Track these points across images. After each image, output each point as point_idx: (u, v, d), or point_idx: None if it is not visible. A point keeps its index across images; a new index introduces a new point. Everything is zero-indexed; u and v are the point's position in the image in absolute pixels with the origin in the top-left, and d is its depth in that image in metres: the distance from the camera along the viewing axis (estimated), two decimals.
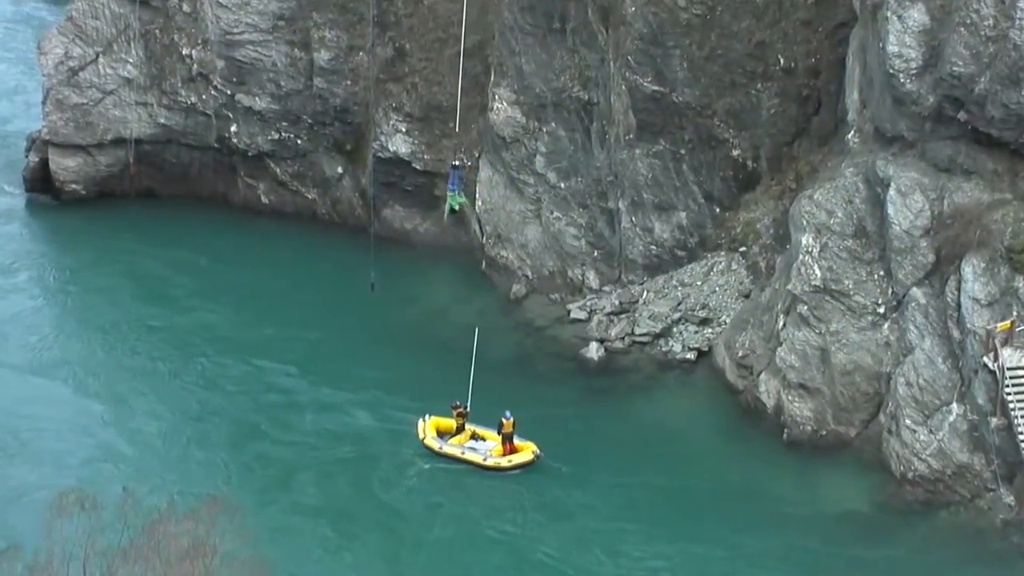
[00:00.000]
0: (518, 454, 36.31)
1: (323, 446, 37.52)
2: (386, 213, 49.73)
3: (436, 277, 46.88)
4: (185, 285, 46.26)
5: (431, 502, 35.22)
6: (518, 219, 46.34)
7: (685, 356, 41.18)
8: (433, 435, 37.10)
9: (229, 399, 39.56)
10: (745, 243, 42.62)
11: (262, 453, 37.11)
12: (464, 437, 37.15)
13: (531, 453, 36.17)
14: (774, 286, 39.57)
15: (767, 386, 38.59)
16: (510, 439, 36.41)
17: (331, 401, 39.36)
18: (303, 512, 34.72)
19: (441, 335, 43.21)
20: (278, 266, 47.78)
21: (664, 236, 43.72)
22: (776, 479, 36.12)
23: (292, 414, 38.84)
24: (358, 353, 41.92)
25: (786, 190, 41.65)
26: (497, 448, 36.56)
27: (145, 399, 39.48)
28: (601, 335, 42.42)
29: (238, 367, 41.21)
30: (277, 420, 38.60)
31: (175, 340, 42.64)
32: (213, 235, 49.85)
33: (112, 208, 51.43)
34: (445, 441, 36.87)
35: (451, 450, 36.41)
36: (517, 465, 36.21)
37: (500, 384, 38.67)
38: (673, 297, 42.81)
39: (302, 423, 38.43)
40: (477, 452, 36.45)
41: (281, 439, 37.71)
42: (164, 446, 37.33)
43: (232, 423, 38.51)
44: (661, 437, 37.87)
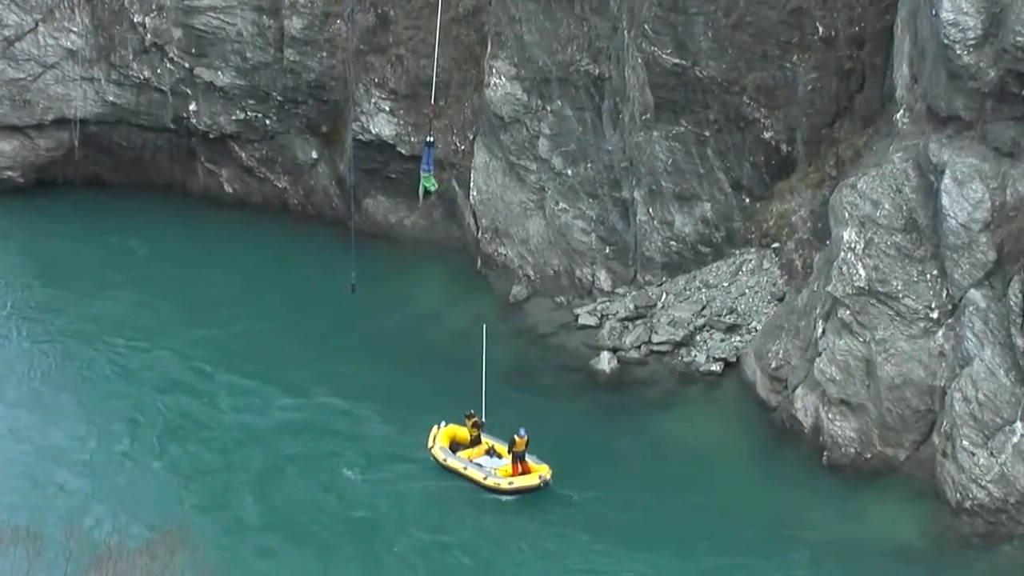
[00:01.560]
0: (524, 477, 36.46)
1: (296, 468, 37.60)
2: (367, 204, 49.88)
3: (425, 277, 47.01)
4: (132, 283, 46.60)
5: (424, 526, 35.45)
6: (518, 211, 46.40)
7: (710, 368, 41.13)
8: (442, 445, 37.42)
9: (179, 412, 39.73)
10: (778, 238, 42.57)
11: (224, 476, 37.21)
12: (479, 451, 37.44)
13: (537, 478, 36.27)
14: (812, 288, 39.53)
15: (804, 402, 38.60)
16: (521, 458, 36.56)
17: (300, 417, 39.58)
18: (274, 545, 34.84)
19: (431, 343, 43.35)
20: (244, 263, 48.01)
21: (686, 230, 43.72)
22: (815, 508, 35.98)
23: (255, 431, 38.93)
24: (333, 363, 42.07)
25: (825, 178, 41.56)
26: (506, 468, 36.71)
27: (75, 410, 39.86)
28: (614, 344, 42.45)
29: (199, 378, 41.37)
30: (239, 438, 38.69)
31: (113, 345, 43.00)
32: (168, 228, 50.09)
33: (53, 197, 51.64)
34: (454, 453, 37.21)
35: (454, 464, 36.80)
36: (519, 489, 36.32)
37: (498, 399, 38.74)
38: (696, 300, 42.76)
39: (269, 442, 38.53)
40: (481, 469, 36.69)
41: (245, 459, 37.82)
42: (107, 467, 37.50)
43: (186, 441, 38.60)
44: (683, 461, 37.80)
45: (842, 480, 36.91)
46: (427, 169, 38.77)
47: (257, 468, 37.50)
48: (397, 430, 38.92)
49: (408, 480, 37.20)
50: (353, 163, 48.41)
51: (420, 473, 37.46)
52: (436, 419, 38.61)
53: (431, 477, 37.32)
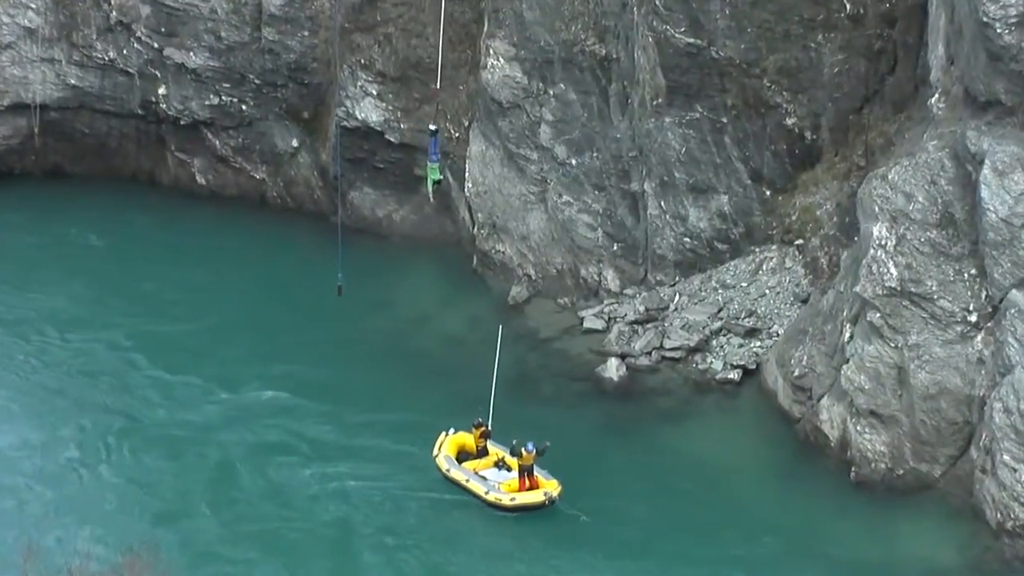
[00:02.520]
0: (528, 493, 36.57)
1: (279, 480, 37.68)
2: (353, 197, 49.82)
3: (415, 277, 47.05)
4: (85, 278, 46.66)
5: (416, 540, 35.56)
6: (518, 204, 46.35)
7: (727, 376, 41.21)
8: (448, 454, 37.59)
9: (141, 423, 39.88)
10: (802, 234, 42.63)
11: (192, 489, 37.26)
12: (487, 462, 37.69)
13: (542, 495, 36.38)
14: (838, 288, 39.46)
15: (830, 413, 38.57)
16: (529, 472, 36.75)
17: (277, 429, 39.63)
18: (252, 558, 34.91)
19: (422, 348, 43.48)
20: (215, 260, 48.08)
21: (701, 226, 43.72)
22: (842, 529, 35.95)
23: (226, 442, 39.00)
24: (312, 370, 42.17)
25: (853, 168, 41.64)
26: (512, 482, 36.87)
27: (17, 413, 39.87)
28: (622, 349, 42.45)
29: (165, 385, 41.45)
30: (208, 450, 38.75)
31: (58, 342, 43.23)
32: (134, 222, 50.20)
33: (9, 189, 51.58)
34: (459, 464, 37.44)
35: (457, 475, 37.09)
36: (521, 507, 36.41)
37: (496, 410, 38.72)
38: (712, 302, 42.81)
39: (248, 453, 38.53)
40: (485, 482, 36.87)
41: (217, 471, 37.92)
42: (60, 477, 37.43)
43: (144, 451, 38.65)
44: (698, 478, 37.80)
45: (871, 498, 36.88)
46: (434, 159, 39.00)
47: (234, 481, 37.58)
48: (389, 440, 39.00)
49: (402, 492, 37.30)
50: (337, 152, 48.35)
51: (417, 484, 37.56)
52: (427, 430, 38.71)
53: (428, 488, 37.42)
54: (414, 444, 38.66)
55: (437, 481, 37.56)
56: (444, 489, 37.27)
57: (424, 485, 37.48)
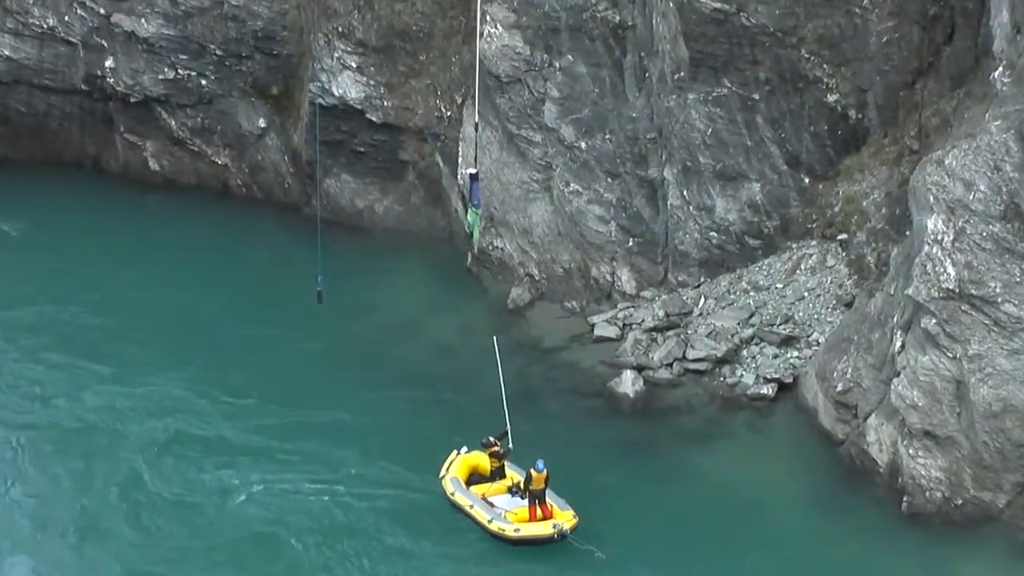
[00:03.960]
0: (535, 525, 36.66)
1: (241, 519, 37.69)
2: (330, 186, 49.96)
3: (401, 277, 47.17)
4: (27, 286, 46.82)
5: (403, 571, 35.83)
6: (519, 194, 46.39)
7: (760, 391, 41.21)
8: (455, 475, 37.97)
9: (76, 436, 40.21)
10: (846, 228, 42.62)
11: (146, 513, 37.61)
12: (499, 487, 37.94)
13: (551, 527, 36.41)
14: (888, 290, 39.42)
15: (878, 434, 38.61)
16: (540, 499, 36.95)
17: (246, 446, 39.83)
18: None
19: (409, 359, 43.61)
20: (171, 262, 48.25)
21: (730, 218, 43.80)
22: (892, 567, 35.84)
23: (179, 468, 39.12)
24: (286, 388, 42.17)
25: (905, 152, 41.68)
26: (522, 511, 37.05)
27: None
28: (639, 361, 42.50)
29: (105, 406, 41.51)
30: (160, 473, 38.95)
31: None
32: (73, 213, 50.21)
33: None
34: (467, 487, 37.78)
35: (461, 499, 37.49)
36: (527, 539, 36.44)
37: (494, 430, 38.74)
38: (742, 306, 42.86)
39: (204, 493, 38.60)
40: (490, 509, 37.08)
41: (178, 513, 37.95)
42: None
43: (91, 467, 38.98)
44: (727, 509, 37.72)
45: (926, 532, 36.84)
46: (475, 203, 39.58)
47: (188, 508, 37.87)
48: (375, 465, 39.10)
49: (386, 520, 37.41)
50: (312, 134, 48.45)
51: (406, 509, 37.71)
52: (416, 450, 38.93)
53: (419, 514, 37.57)
54: (403, 466, 38.87)
55: (431, 507, 37.71)
56: (440, 511, 37.46)
57: (418, 512, 37.60)
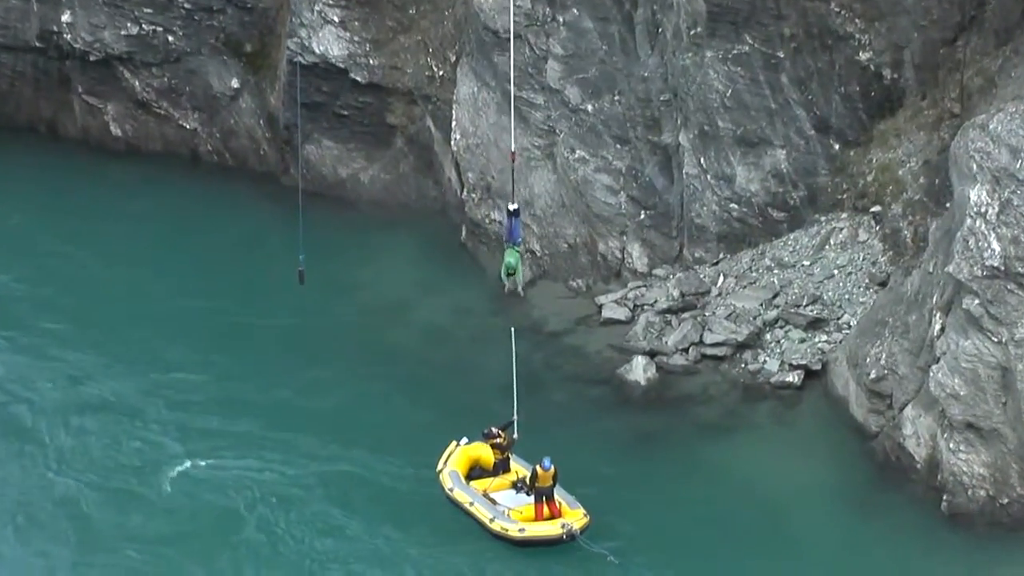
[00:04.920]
0: (542, 525, 36.64)
1: (215, 508, 37.81)
2: (310, 152, 49.88)
3: (388, 253, 47.18)
4: None
5: None
6: (519, 162, 45.61)
7: (785, 378, 41.19)
8: (455, 469, 38.00)
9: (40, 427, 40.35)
10: (880, 200, 42.66)
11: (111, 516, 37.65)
12: (502, 482, 37.95)
13: (559, 527, 36.42)
14: (926, 268, 39.40)
15: (916, 427, 38.52)
16: (548, 497, 36.94)
17: (210, 456, 39.67)
18: None
19: (398, 343, 43.68)
20: (135, 236, 48.11)
21: (752, 188, 43.78)
22: (931, 573, 36.01)
23: (149, 462, 39.27)
24: (262, 376, 42.21)
25: (945, 116, 41.73)
26: (526, 509, 37.07)
27: None
28: (651, 345, 42.50)
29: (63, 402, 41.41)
30: (129, 470, 39.14)
31: None
32: (25, 183, 50.21)
33: None
34: (467, 483, 37.82)
35: (461, 496, 37.55)
36: (532, 540, 36.43)
37: (492, 420, 38.65)
38: (765, 285, 42.81)
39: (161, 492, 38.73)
40: (493, 507, 37.13)
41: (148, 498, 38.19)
42: None
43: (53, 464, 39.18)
44: (750, 508, 37.74)
45: (969, 535, 36.90)
46: (514, 240, 39.14)
47: (166, 507, 38.03)
48: (361, 458, 39.11)
49: (377, 519, 37.39)
50: (290, 95, 48.35)
51: (398, 506, 37.73)
52: (405, 442, 38.96)
53: (413, 511, 37.56)
54: (394, 458, 38.82)
55: (426, 504, 37.67)
56: (437, 509, 37.36)
57: (410, 509, 37.46)
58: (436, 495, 37.65)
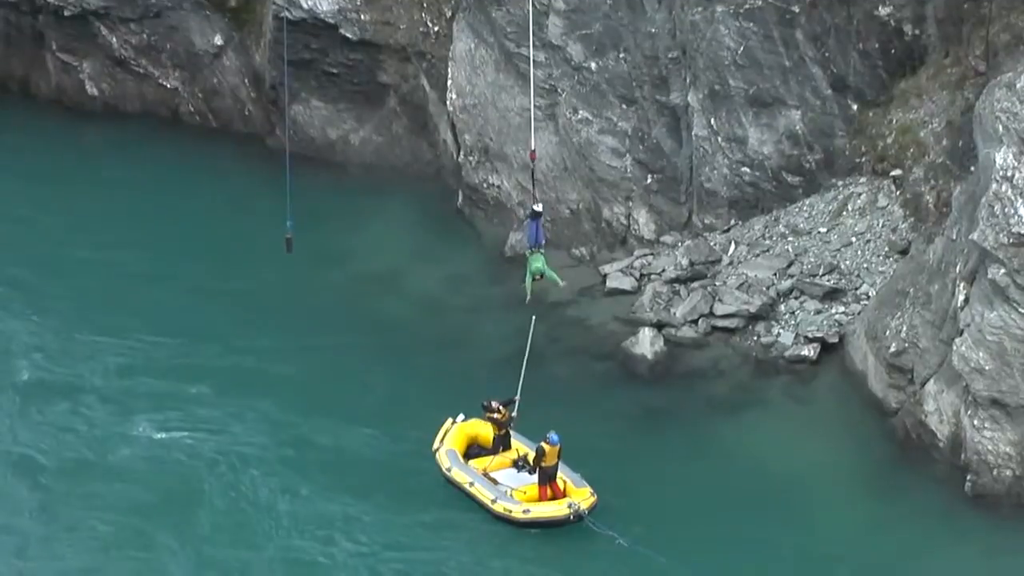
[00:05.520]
0: (548, 505, 36.66)
1: (206, 489, 37.72)
2: (297, 113, 50.06)
3: (380, 220, 47.28)
4: None
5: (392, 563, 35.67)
6: (518, 123, 46.17)
7: (800, 352, 41.19)
8: (452, 448, 38.06)
9: None
10: (900, 163, 42.64)
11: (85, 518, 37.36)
12: (502, 461, 38.03)
13: (566, 507, 36.44)
14: (949, 235, 39.34)
15: (938, 403, 38.46)
16: (551, 477, 36.97)
17: (198, 432, 39.65)
18: None
19: (391, 315, 43.69)
20: (113, 199, 48.29)
21: (764, 151, 43.80)
22: (954, 556, 35.93)
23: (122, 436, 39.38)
24: (248, 349, 42.27)
25: (970, 74, 41.69)
26: (530, 489, 37.11)
27: None
28: (659, 317, 42.52)
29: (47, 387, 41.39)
30: (107, 444, 39.14)
31: None
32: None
33: None
34: (466, 462, 37.85)
35: (460, 476, 37.61)
36: (538, 522, 36.43)
37: (489, 396, 38.63)
38: (780, 253, 42.87)
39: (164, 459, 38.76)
40: (494, 487, 37.15)
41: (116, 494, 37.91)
42: None
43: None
44: (763, 490, 37.77)
45: (993, 516, 36.85)
46: (535, 244, 38.65)
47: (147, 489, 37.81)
48: (358, 434, 39.18)
49: (371, 501, 37.33)
50: (276, 53, 48.16)
51: (393, 487, 37.64)
52: (398, 419, 38.95)
53: (407, 492, 37.53)
54: (387, 437, 38.82)
55: (421, 484, 37.72)
56: (433, 489, 37.42)
57: (405, 489, 37.53)
58: (431, 472, 37.71)
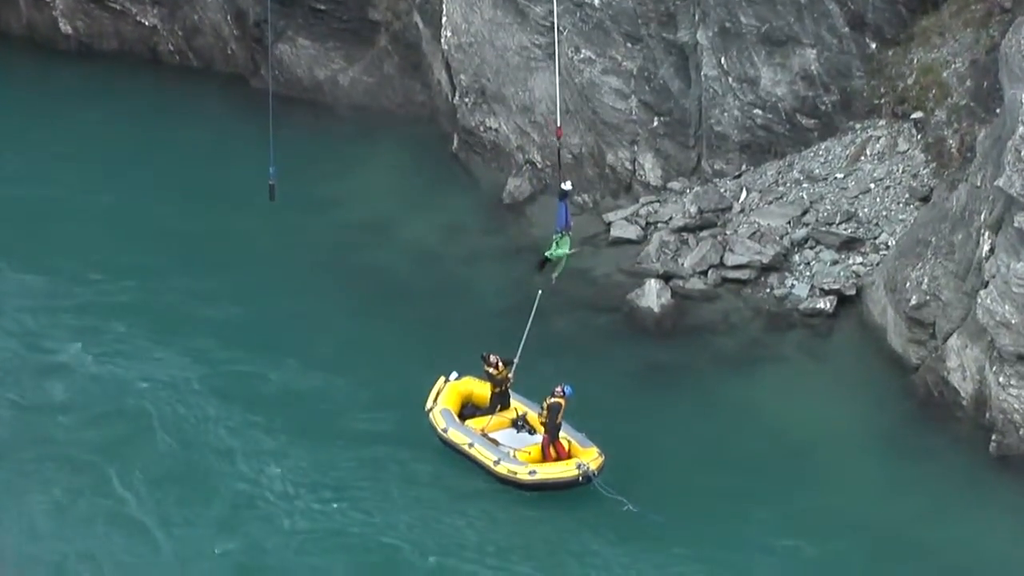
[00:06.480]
0: (555, 465, 36.64)
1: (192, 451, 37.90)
2: (283, 52, 50.32)
3: (371, 165, 47.65)
4: None
5: (392, 527, 35.72)
6: (517, 62, 46.32)
7: (815, 305, 41.30)
8: (447, 407, 38.03)
9: None
10: (922, 105, 42.63)
11: None
12: (501, 421, 37.98)
13: (575, 467, 36.40)
14: (973, 182, 39.28)
15: (962, 358, 38.46)
16: (555, 434, 36.91)
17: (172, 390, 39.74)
18: None
19: (383, 267, 43.92)
20: (88, 144, 48.79)
21: (778, 92, 43.95)
22: (978, 520, 35.89)
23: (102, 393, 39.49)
24: (229, 301, 42.51)
25: (995, 10, 41.64)
26: (533, 449, 37.12)
27: None
28: (666, 268, 42.62)
29: None
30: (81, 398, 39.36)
31: None
32: None
33: None
34: (462, 422, 37.85)
35: (457, 437, 37.53)
36: (545, 483, 36.47)
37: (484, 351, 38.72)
38: (794, 201, 42.92)
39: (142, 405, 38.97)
40: (496, 448, 37.13)
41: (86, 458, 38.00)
42: None
43: None
44: (776, 449, 37.87)
45: (1019, 477, 36.74)
46: (562, 227, 38.53)
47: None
48: (347, 393, 39.30)
49: (361, 462, 37.41)
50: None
51: (385, 449, 37.62)
52: (390, 380, 39.04)
53: (402, 454, 37.50)
54: (377, 396, 38.83)
55: (415, 445, 37.66)
56: (428, 451, 37.36)
57: (399, 452, 37.51)
58: (426, 430, 37.73)
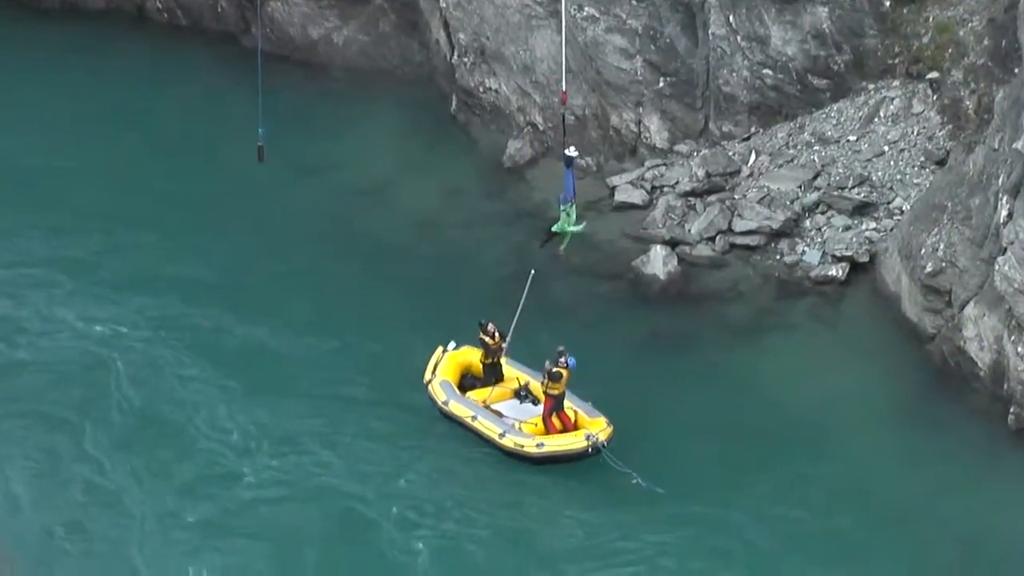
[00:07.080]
0: (562, 437, 36.62)
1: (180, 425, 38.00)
2: (274, 10, 50.27)
3: (367, 127, 47.58)
4: None
5: (390, 498, 35.94)
6: (518, 20, 46.41)
7: (827, 272, 41.34)
8: (446, 379, 38.21)
9: None
10: (937, 65, 42.68)
11: None
12: (503, 392, 38.15)
13: (583, 438, 36.35)
14: (991, 144, 39.19)
15: (979, 328, 38.39)
16: (559, 406, 36.99)
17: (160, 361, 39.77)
18: None
19: (378, 233, 43.96)
20: (73, 106, 49.04)
21: (788, 52, 43.98)
22: (996, 495, 35.84)
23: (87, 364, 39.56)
24: (220, 267, 42.62)
25: None
26: (538, 419, 37.23)
27: None
28: (672, 233, 42.67)
29: None
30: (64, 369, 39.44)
31: None
32: None
33: None
34: (463, 393, 38.00)
35: (459, 409, 37.67)
36: (553, 456, 36.52)
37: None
38: (805, 164, 42.92)
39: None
40: (500, 420, 37.22)
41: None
42: None
43: None
44: (786, 421, 37.87)
45: None
46: (567, 199, 38.84)
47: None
48: (341, 363, 39.44)
49: (362, 434, 37.58)
50: None
51: (384, 422, 37.88)
52: (387, 349, 39.22)
53: (406, 429, 37.64)
54: (374, 367, 39.00)
55: (415, 417, 37.85)
56: (427, 423, 37.50)
57: (398, 424, 37.69)
58: (424, 404, 37.89)
